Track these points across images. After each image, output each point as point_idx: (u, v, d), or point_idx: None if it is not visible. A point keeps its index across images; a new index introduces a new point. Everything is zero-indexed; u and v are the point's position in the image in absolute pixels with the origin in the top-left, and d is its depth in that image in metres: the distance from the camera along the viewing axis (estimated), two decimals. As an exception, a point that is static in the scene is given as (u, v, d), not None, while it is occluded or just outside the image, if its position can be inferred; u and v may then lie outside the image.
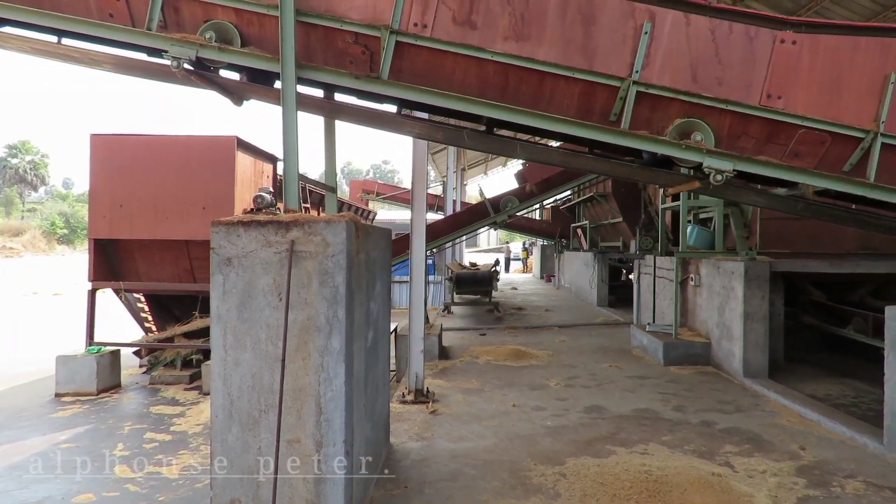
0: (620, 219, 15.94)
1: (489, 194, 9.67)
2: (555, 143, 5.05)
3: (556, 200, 25.67)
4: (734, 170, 3.41)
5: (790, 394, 6.25)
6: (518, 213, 8.94)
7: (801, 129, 3.45)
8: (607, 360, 8.29)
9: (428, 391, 6.30)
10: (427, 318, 8.92)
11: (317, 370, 3.06)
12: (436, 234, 8.30)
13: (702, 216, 9.60)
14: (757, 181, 3.98)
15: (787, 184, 3.71)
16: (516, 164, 33.29)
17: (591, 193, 17.10)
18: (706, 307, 8.04)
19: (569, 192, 22.84)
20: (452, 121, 4.02)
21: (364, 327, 3.63)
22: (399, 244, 8.27)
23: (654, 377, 7.31)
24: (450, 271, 12.25)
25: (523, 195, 8.42)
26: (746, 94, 3.44)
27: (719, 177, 3.40)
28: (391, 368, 7.80)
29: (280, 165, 9.07)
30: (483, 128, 3.84)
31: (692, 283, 8.39)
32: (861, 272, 7.29)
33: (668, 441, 4.96)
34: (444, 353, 8.65)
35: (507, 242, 47.92)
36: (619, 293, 17.09)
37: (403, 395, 6.18)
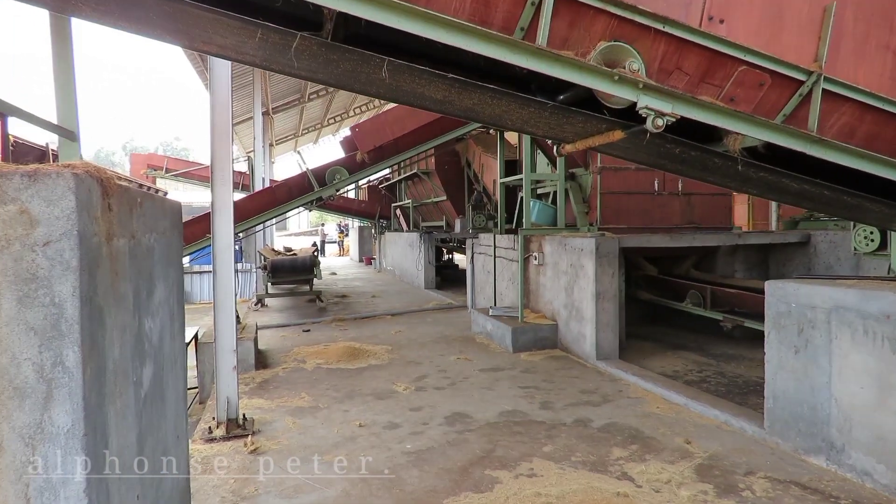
0: (444, 197, 15.43)
1: (297, 171, 8.13)
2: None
3: (369, 181, 24.55)
4: (673, 113, 2.56)
5: (647, 375, 5.95)
6: (347, 188, 7.61)
7: (741, 67, 2.72)
8: (453, 352, 7.44)
9: (245, 419, 4.76)
10: (238, 318, 7.21)
11: (18, 474, 1.51)
12: (245, 213, 6.63)
13: (539, 192, 9.23)
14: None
15: (712, 138, 3.00)
16: (329, 141, 31.43)
17: (414, 171, 16.35)
18: (552, 287, 7.59)
19: (387, 171, 21.99)
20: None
21: (133, 365, 2.09)
22: (196, 227, 6.43)
23: (507, 367, 6.61)
24: (262, 258, 10.44)
25: (353, 166, 7.11)
26: (686, 14, 2.61)
27: (660, 121, 2.52)
28: (192, 386, 6.03)
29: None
30: (326, 37, 2.49)
31: (535, 262, 7.90)
32: (696, 245, 7.37)
33: (551, 453, 4.16)
34: (261, 360, 7.04)
35: (322, 224, 45.72)
36: (444, 274, 16.68)
37: (210, 431, 4.56)
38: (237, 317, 7.34)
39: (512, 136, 10.71)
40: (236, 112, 17.91)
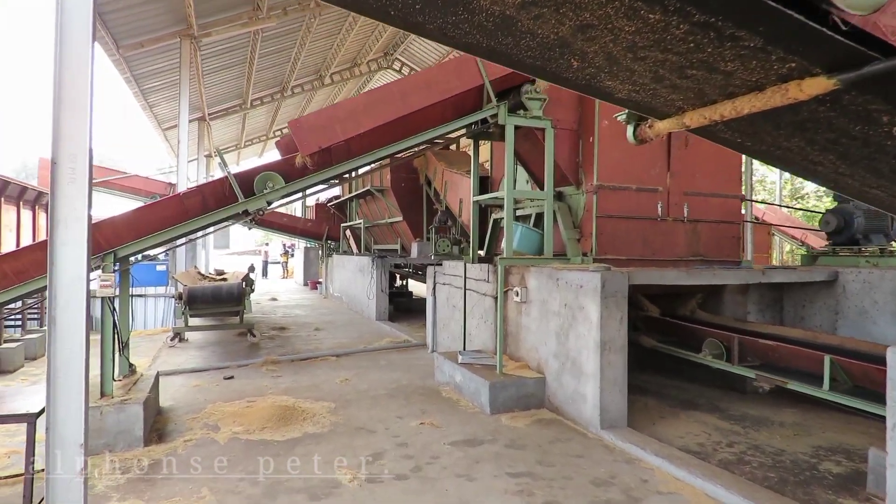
0: (400, 217, 13.93)
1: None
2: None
3: (317, 198, 22.67)
4: None
5: (673, 455, 4.53)
6: (283, 199, 5.96)
7: None
8: (414, 412, 5.84)
9: (97, 551, 3.02)
10: (131, 367, 5.44)
11: None
12: (139, 228, 4.85)
13: (517, 214, 7.83)
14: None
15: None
16: (276, 156, 29.46)
17: (367, 187, 14.80)
18: (538, 330, 6.13)
19: (336, 188, 20.34)
20: None
21: None
22: (35, 255, 4.64)
23: (487, 439, 5.06)
24: (179, 285, 8.58)
25: (292, 172, 5.48)
26: None
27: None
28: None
29: None
30: None
31: (516, 298, 6.44)
32: (717, 283, 6.09)
33: None
34: (158, 427, 5.25)
35: (266, 244, 43.21)
36: (397, 302, 15.04)
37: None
38: (130, 366, 5.55)
39: (483, 151, 9.34)
40: (166, 115, 15.91)
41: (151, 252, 8.07)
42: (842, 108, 1.48)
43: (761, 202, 24.18)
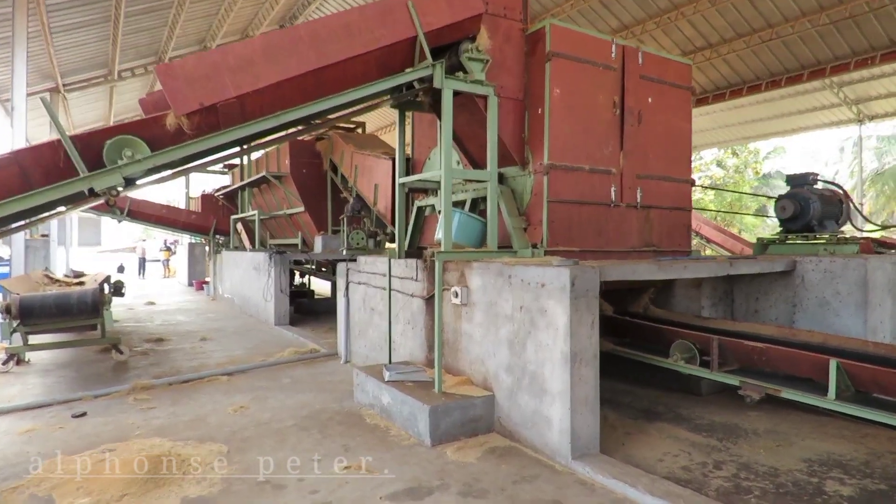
0: (302, 208, 12.43)
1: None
2: None
3: (203, 188, 20.16)
4: None
5: (672, 493, 3.64)
6: (151, 176, 4.36)
7: None
8: (335, 450, 4.55)
9: None
10: None
11: None
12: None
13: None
14: None
15: None
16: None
17: (262, 174, 13.11)
18: (484, 339, 5.07)
19: (224, 172, 18.27)
20: None
21: None
22: None
23: (435, 486, 3.92)
24: (5, 294, 6.59)
25: (161, 136, 3.94)
26: None
27: None
28: None
29: None
30: None
31: (455, 299, 5.33)
32: (687, 276, 5.34)
33: None
34: (-47, 507, 3.58)
35: (144, 240, 38.85)
36: (297, 303, 13.45)
37: None
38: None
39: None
40: (5, 83, 13.08)
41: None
42: None
43: (712, 188, 24.84)
